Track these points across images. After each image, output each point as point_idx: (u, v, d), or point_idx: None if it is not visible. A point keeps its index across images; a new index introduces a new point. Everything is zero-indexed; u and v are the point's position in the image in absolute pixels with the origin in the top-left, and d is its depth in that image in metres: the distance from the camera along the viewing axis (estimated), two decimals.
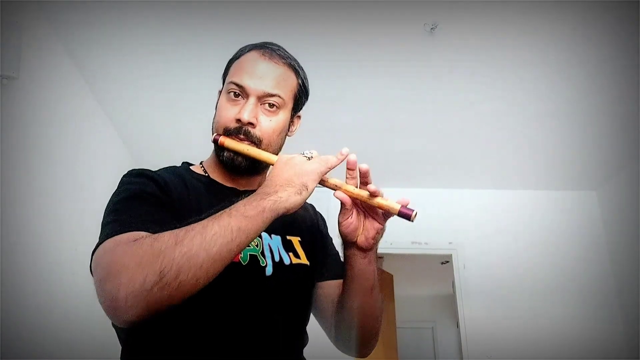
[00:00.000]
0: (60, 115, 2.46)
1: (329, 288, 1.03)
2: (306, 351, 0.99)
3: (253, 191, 0.84)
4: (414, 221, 0.85)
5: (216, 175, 1.01)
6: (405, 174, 3.75)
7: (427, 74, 2.69)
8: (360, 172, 0.87)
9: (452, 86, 2.78)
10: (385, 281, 4.91)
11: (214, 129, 0.99)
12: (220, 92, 1.02)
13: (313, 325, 1.03)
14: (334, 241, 1.10)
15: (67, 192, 2.49)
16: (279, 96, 0.95)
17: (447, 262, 4.43)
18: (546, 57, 2.53)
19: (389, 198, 0.87)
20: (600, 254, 3.77)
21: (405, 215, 0.84)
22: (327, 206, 1.20)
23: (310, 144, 0.98)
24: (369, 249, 0.92)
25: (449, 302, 6.13)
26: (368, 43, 2.46)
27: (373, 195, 0.86)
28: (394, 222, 0.90)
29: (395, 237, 3.65)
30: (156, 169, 0.97)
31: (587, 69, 2.60)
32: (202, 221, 0.74)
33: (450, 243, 3.85)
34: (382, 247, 0.94)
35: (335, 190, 0.88)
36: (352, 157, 0.87)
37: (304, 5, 2.23)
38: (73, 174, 2.58)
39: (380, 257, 5.35)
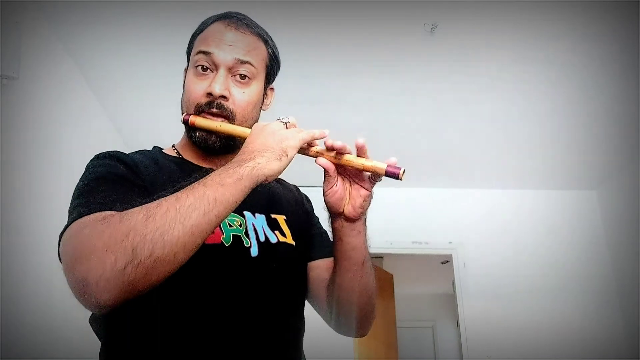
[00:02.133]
0: (60, 115, 2.46)
1: (319, 268, 0.98)
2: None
3: None
4: (403, 179, 0.78)
5: (190, 157, 0.95)
6: (405, 174, 3.74)
7: (427, 74, 2.69)
8: (357, 148, 0.82)
9: (452, 86, 2.78)
10: (386, 281, 4.91)
11: (183, 109, 0.93)
12: (186, 70, 0.95)
13: (309, 319, 1.00)
14: (321, 221, 1.04)
15: (67, 192, 2.48)
16: (251, 64, 0.90)
17: (447, 261, 4.43)
18: (546, 57, 2.53)
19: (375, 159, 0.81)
20: (600, 253, 3.78)
21: (393, 174, 0.78)
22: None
23: None
24: (357, 218, 0.86)
25: (449, 302, 6.13)
26: (368, 43, 2.46)
27: (358, 155, 0.80)
28: (394, 222, 0.89)
29: (395, 237, 3.71)
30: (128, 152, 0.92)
31: (587, 69, 2.60)
32: (175, 193, 0.68)
33: (450, 243, 3.85)
34: (382, 247, 0.93)
35: (316, 157, 0.82)
36: (338, 143, 0.81)
37: (303, 5, 2.23)
38: (73, 173, 2.57)
39: (380, 257, 5.34)
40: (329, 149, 0.82)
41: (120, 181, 0.80)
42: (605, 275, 3.71)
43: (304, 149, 0.82)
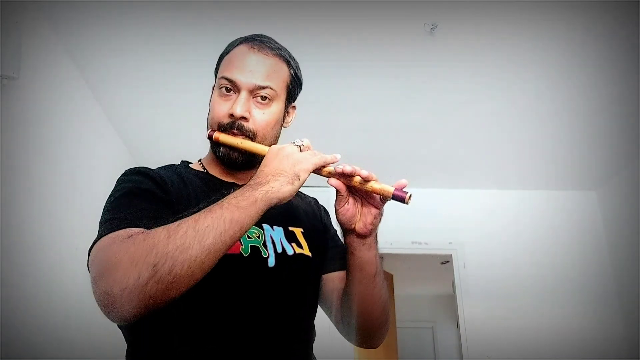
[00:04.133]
0: (60, 115, 2.46)
1: (335, 280, 1.02)
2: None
3: None
4: (409, 203, 0.83)
5: (214, 171, 1.00)
6: (406, 174, 3.72)
7: (427, 74, 2.68)
8: (344, 173, 0.86)
9: (451, 86, 2.78)
10: (386, 281, 4.90)
11: (208, 125, 0.99)
12: (213, 88, 1.01)
13: (319, 323, 1.02)
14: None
15: (67, 192, 2.49)
16: (271, 88, 0.95)
17: (447, 262, 4.43)
18: (546, 57, 2.53)
19: (384, 182, 0.86)
20: (600, 254, 3.78)
21: (400, 198, 0.82)
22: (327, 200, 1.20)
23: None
24: (368, 235, 0.91)
25: (449, 302, 6.13)
26: (368, 43, 2.46)
27: (366, 180, 0.85)
28: (394, 222, 0.89)
29: (395, 237, 3.70)
30: (154, 167, 0.97)
31: (587, 68, 2.60)
32: (195, 214, 0.74)
33: (450, 243, 3.85)
34: (382, 247, 0.94)
35: (328, 177, 0.87)
36: (348, 169, 0.85)
37: (303, 5, 2.23)
38: (73, 173, 2.58)
39: (380, 257, 5.34)
40: (340, 175, 0.87)
41: (147, 196, 0.85)
42: (605, 275, 3.71)
43: (317, 170, 0.87)
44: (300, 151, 0.87)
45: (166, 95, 2.90)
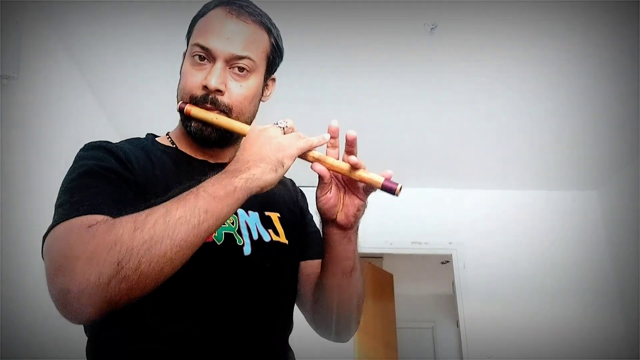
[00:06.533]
0: (60, 115, 2.46)
1: (309, 268, 0.96)
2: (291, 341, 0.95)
3: (225, 164, 0.76)
4: (399, 195, 0.76)
5: (184, 147, 0.91)
6: (405, 174, 3.75)
7: (427, 73, 2.69)
8: (346, 140, 0.80)
9: (452, 86, 2.78)
10: (385, 281, 4.91)
11: (178, 97, 0.90)
12: (184, 54, 0.91)
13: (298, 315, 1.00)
14: (314, 219, 1.01)
15: None
16: (249, 58, 0.85)
17: (447, 262, 4.43)
18: (546, 56, 2.53)
19: (372, 172, 0.79)
20: (600, 254, 3.77)
21: (390, 189, 0.76)
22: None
23: None
24: (349, 227, 0.84)
25: (449, 302, 6.13)
26: (368, 43, 2.46)
27: (354, 167, 0.78)
28: (394, 222, 0.89)
29: (395, 237, 3.71)
30: (118, 141, 0.88)
31: (587, 68, 2.60)
32: (166, 203, 0.66)
33: (450, 243, 3.85)
34: (382, 247, 0.94)
35: (312, 162, 0.80)
36: (334, 123, 0.80)
37: (303, 5, 2.23)
38: None
39: (380, 257, 5.34)
40: (332, 146, 0.82)
41: (110, 177, 0.76)
42: (606, 275, 3.71)
43: (302, 155, 0.80)
44: (284, 133, 0.79)
45: (166, 95, 2.88)
